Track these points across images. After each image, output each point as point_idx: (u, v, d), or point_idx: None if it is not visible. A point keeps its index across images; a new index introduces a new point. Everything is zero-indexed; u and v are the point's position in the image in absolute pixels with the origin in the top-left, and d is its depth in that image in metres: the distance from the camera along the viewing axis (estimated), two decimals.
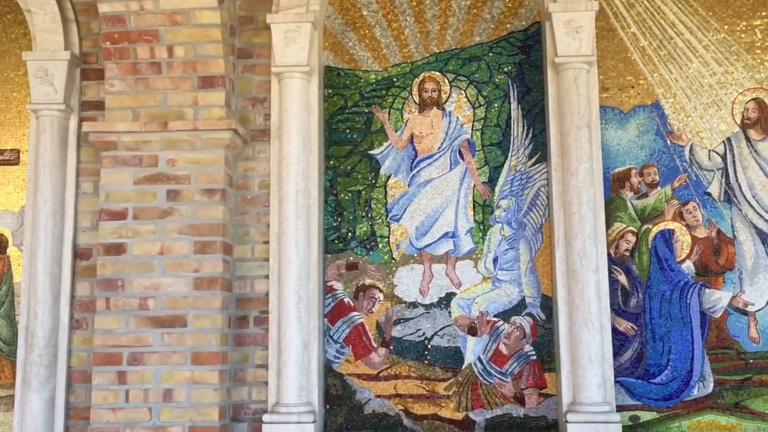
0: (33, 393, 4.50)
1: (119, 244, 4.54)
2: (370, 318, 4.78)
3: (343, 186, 4.91)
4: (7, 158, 5.04)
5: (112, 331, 4.46)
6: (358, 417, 4.68)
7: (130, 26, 4.63)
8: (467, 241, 4.79)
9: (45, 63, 4.77)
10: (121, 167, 4.60)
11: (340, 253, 4.85)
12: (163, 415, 4.36)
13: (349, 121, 4.97)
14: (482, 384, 4.65)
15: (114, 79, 4.67)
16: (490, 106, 4.90)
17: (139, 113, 4.65)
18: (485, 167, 4.84)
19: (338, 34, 5.05)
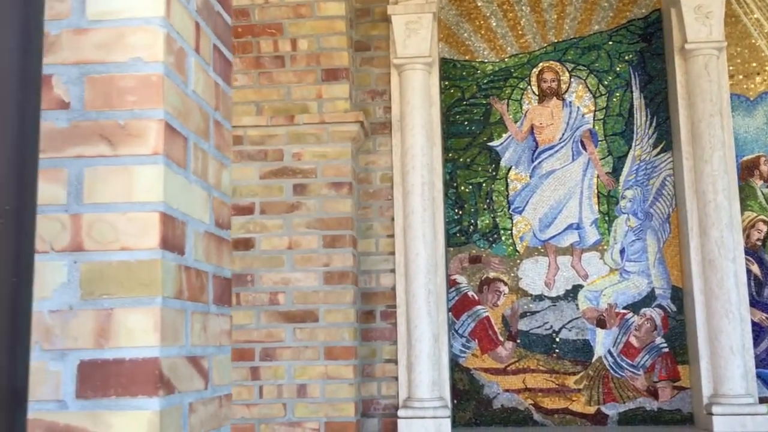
0: None
1: (247, 239, 4.50)
2: (495, 311, 4.72)
3: (463, 179, 4.85)
4: None
5: (244, 326, 4.42)
6: (487, 412, 4.62)
7: (254, 19, 4.60)
8: (592, 232, 4.72)
9: None
10: (247, 162, 4.56)
11: (462, 246, 4.80)
12: (298, 411, 4.32)
13: (467, 113, 4.91)
14: (613, 377, 4.58)
15: (237, 74, 4.63)
16: (612, 95, 4.83)
17: (263, 107, 4.62)
18: (608, 157, 4.78)
19: (453, 26, 5.00)
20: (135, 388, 1.37)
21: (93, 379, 1.38)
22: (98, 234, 1.41)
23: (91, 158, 1.43)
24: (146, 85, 1.46)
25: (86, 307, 1.40)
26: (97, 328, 1.39)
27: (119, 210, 1.42)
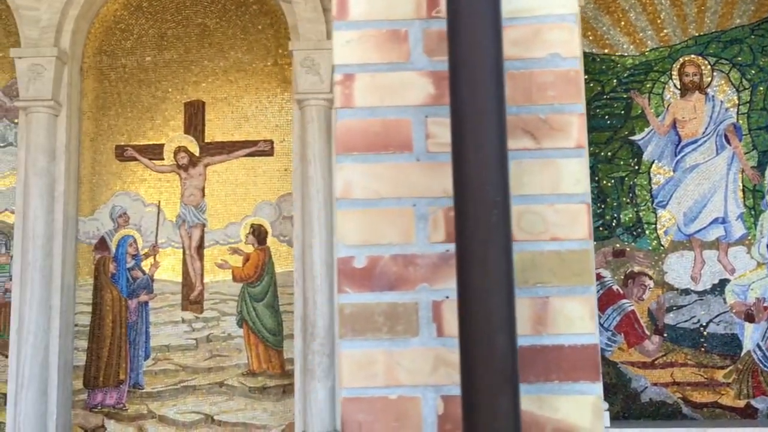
0: (317, 382, 4.53)
1: None
2: (640, 305, 4.73)
3: (604, 173, 4.86)
4: (262, 149, 5.08)
5: None
6: (635, 405, 4.64)
7: None
8: (738, 226, 4.71)
9: (311, 53, 4.80)
10: None
11: (605, 240, 4.81)
12: None
13: (607, 107, 4.92)
14: (763, 371, 4.58)
15: None
16: (755, 89, 4.81)
17: None
18: (753, 152, 4.76)
19: (591, 20, 5.00)
20: (577, 374, 1.42)
21: (534, 364, 1.43)
22: (528, 224, 1.46)
23: (516, 151, 1.48)
24: (565, 81, 1.50)
25: (522, 294, 1.45)
26: (533, 316, 1.44)
27: (546, 201, 1.46)
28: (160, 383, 4.85)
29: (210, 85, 5.15)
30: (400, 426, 1.56)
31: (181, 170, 5.05)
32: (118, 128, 5.10)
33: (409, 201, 1.60)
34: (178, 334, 4.91)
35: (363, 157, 1.63)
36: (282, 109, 5.12)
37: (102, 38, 5.18)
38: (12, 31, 5.17)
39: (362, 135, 1.66)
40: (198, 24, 5.21)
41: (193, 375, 4.86)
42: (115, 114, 5.11)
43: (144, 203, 5.03)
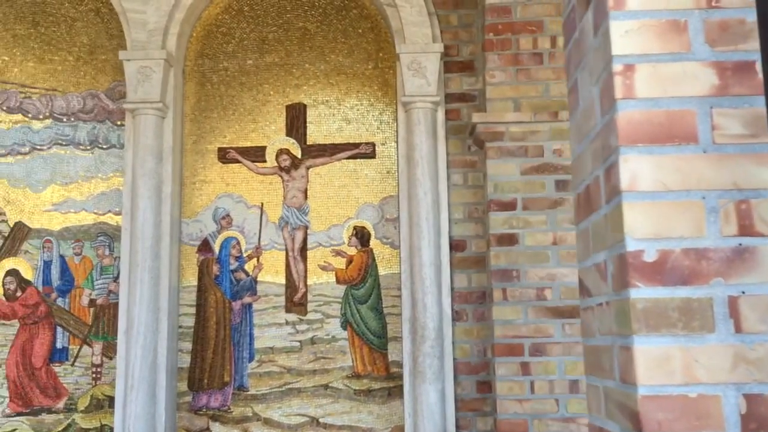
0: (428, 384, 4.50)
1: (511, 234, 4.52)
2: None
3: None
4: (364, 152, 5.07)
5: (511, 321, 4.44)
6: None
7: (516, 17, 4.63)
8: None
9: (418, 56, 4.79)
10: (507, 158, 4.59)
11: None
12: (571, 407, 4.32)
13: None
14: None
15: (495, 70, 4.66)
16: None
17: (521, 104, 4.63)
18: None
19: None
20: None
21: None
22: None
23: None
24: None
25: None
26: None
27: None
28: (264, 385, 4.85)
29: (311, 88, 5.15)
30: (701, 425, 1.53)
31: (283, 172, 5.06)
32: (220, 130, 5.11)
33: (698, 193, 1.58)
34: (282, 336, 4.90)
35: (648, 148, 1.61)
36: (382, 112, 5.11)
37: (203, 41, 5.21)
38: (113, 34, 5.21)
39: (646, 126, 1.63)
40: (299, 28, 5.22)
41: (297, 377, 4.85)
42: (217, 116, 5.12)
43: (247, 205, 5.04)
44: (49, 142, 5.12)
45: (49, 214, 5.05)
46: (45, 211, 5.05)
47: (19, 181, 5.09)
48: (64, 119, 5.14)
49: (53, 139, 5.12)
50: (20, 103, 5.18)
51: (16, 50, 5.23)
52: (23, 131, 5.14)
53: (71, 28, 5.25)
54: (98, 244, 5.01)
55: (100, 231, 5.03)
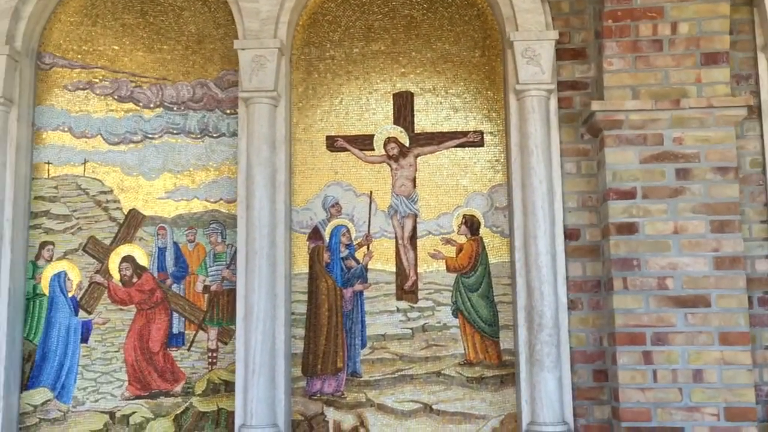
0: (546, 372, 4.51)
1: (630, 223, 4.50)
2: None
3: None
4: (472, 140, 5.07)
5: (632, 311, 4.43)
6: None
7: (636, 4, 4.59)
8: None
9: (532, 43, 4.77)
10: (625, 146, 4.56)
11: None
12: (695, 396, 4.31)
13: None
14: None
15: (613, 58, 4.63)
16: None
17: (639, 91, 4.60)
18: None
19: None
20: None
21: None
22: None
23: None
24: None
25: None
26: None
27: None
28: (377, 372, 4.89)
29: (418, 76, 5.16)
30: None
31: (392, 161, 5.08)
32: (328, 119, 5.14)
33: None
34: (394, 323, 4.94)
35: None
36: (490, 100, 5.11)
37: (310, 30, 5.23)
38: (220, 23, 5.25)
39: None
40: (404, 15, 5.22)
41: (409, 364, 4.89)
42: (324, 105, 5.15)
43: (356, 193, 5.07)
44: (160, 130, 5.19)
45: (162, 202, 5.12)
46: (158, 199, 5.13)
47: (132, 169, 5.16)
48: (174, 108, 5.20)
49: (164, 128, 5.19)
50: (131, 92, 5.25)
51: (126, 39, 5.29)
52: (135, 120, 5.21)
53: (179, 18, 5.29)
54: (211, 231, 5.08)
55: (212, 218, 5.10)
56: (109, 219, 5.14)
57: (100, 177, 5.17)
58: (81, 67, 5.28)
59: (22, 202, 5.03)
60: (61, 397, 4.97)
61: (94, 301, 5.06)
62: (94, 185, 5.17)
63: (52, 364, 4.99)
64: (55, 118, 5.23)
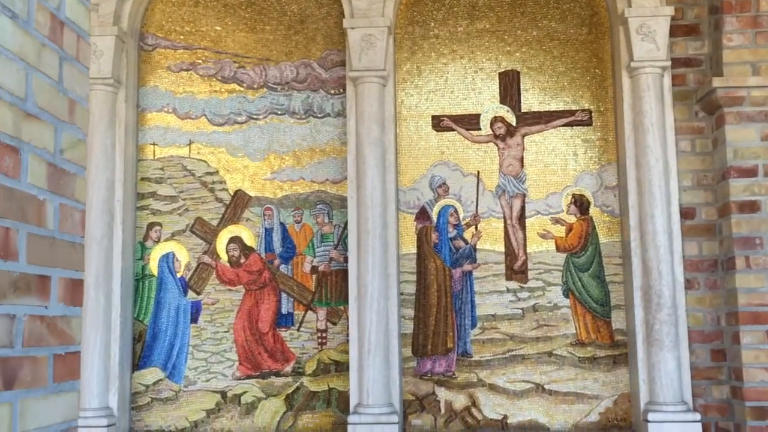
0: (666, 352, 4.48)
1: (752, 201, 4.46)
2: None
3: None
4: (580, 119, 5.03)
5: (755, 290, 4.39)
6: None
7: None
8: None
9: (647, 20, 4.70)
10: (746, 123, 4.51)
11: None
12: None
13: None
14: None
15: (733, 33, 4.56)
16: None
17: (759, 68, 4.54)
18: None
19: None
20: None
21: None
22: None
23: None
24: None
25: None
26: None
27: None
28: (488, 352, 4.89)
29: (524, 55, 5.11)
30: None
31: (499, 140, 5.05)
32: (433, 98, 5.11)
33: None
34: (504, 303, 4.93)
35: None
36: (597, 78, 5.05)
37: (413, 8, 5.19)
38: (323, 2, 5.22)
39: None
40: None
41: (520, 344, 4.88)
42: (429, 84, 5.12)
43: (463, 173, 5.04)
44: (264, 111, 5.19)
45: (267, 183, 5.13)
46: (264, 180, 5.13)
47: (238, 150, 5.17)
48: (278, 89, 5.19)
49: (269, 108, 5.18)
50: (234, 72, 5.24)
51: (228, 20, 5.28)
52: (239, 101, 5.20)
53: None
54: (317, 212, 5.08)
55: (318, 199, 5.09)
56: (215, 200, 5.15)
57: (205, 158, 5.18)
58: (184, 48, 5.28)
59: (130, 183, 5.05)
60: (173, 376, 5.01)
61: (203, 282, 5.09)
62: (200, 166, 5.18)
63: (163, 344, 5.03)
64: (159, 99, 5.24)
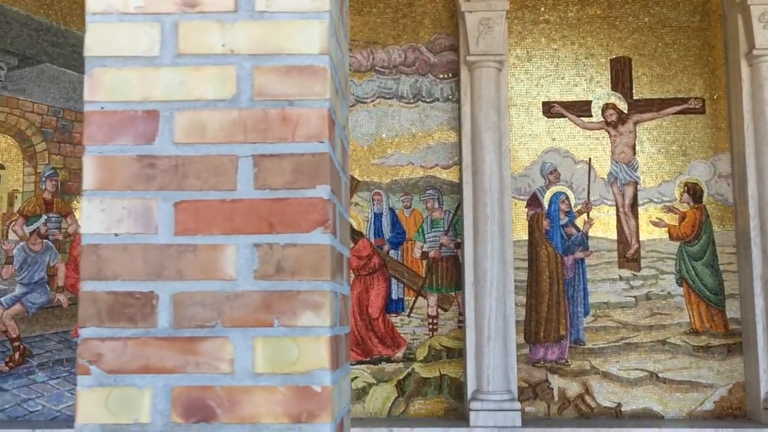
0: None
1: None
2: None
3: None
4: (693, 107, 5.00)
5: None
6: None
7: None
8: None
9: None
10: None
11: None
12: None
13: None
14: None
15: None
16: None
17: None
18: None
19: None
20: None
21: None
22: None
23: None
24: None
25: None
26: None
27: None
28: (601, 340, 4.87)
29: (635, 41, 5.08)
30: None
31: (610, 127, 5.02)
32: (544, 84, 5.07)
33: None
34: (617, 291, 4.91)
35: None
36: (710, 66, 5.02)
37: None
38: None
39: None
40: None
41: (634, 332, 4.86)
42: (539, 70, 5.08)
43: (574, 160, 5.01)
44: (372, 95, 5.13)
45: (376, 167, 5.08)
46: (372, 165, 5.09)
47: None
48: (386, 72, 5.14)
49: (376, 92, 5.13)
50: None
51: None
52: None
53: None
54: (427, 197, 5.04)
55: (428, 184, 5.06)
56: None
57: None
58: None
59: None
60: None
61: None
62: None
63: None
64: None
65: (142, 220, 1.55)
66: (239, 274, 1.54)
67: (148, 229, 1.54)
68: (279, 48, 1.61)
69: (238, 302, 1.54)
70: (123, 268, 1.54)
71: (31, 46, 5.04)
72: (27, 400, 4.80)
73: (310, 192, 1.55)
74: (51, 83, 5.06)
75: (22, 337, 4.87)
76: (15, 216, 4.95)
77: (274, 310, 1.54)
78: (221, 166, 1.57)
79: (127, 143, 1.57)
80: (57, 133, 5.06)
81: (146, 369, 1.51)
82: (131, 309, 1.53)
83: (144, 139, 1.57)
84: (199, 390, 1.52)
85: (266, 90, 1.58)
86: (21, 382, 4.83)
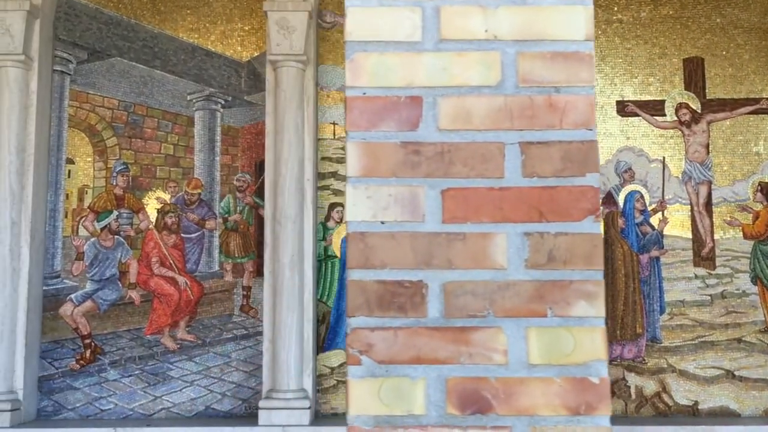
0: None
1: None
2: None
3: None
4: (765, 107, 5.03)
5: None
6: None
7: None
8: None
9: None
10: None
11: None
12: None
13: None
14: None
15: None
16: None
17: None
18: None
19: None
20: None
21: None
22: None
23: None
24: None
25: None
26: None
27: None
28: (677, 338, 4.88)
29: (708, 42, 5.10)
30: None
31: (684, 127, 5.03)
32: (617, 83, 5.08)
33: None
34: (692, 290, 4.92)
35: None
36: None
37: None
38: None
39: None
40: None
41: (710, 331, 4.87)
42: (614, 69, 5.09)
43: (648, 159, 5.02)
44: None
45: None
46: None
47: None
48: None
49: None
50: None
51: None
52: None
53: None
54: None
55: None
56: None
57: None
58: None
59: (316, 163, 4.96)
60: None
61: None
62: None
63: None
64: (339, 77, 5.14)
65: (408, 207, 1.52)
66: (510, 263, 1.51)
67: (415, 217, 1.51)
68: (543, 34, 1.59)
69: (510, 292, 1.51)
70: (391, 256, 1.51)
71: (101, 40, 4.98)
72: (99, 398, 4.73)
73: (579, 180, 1.52)
74: (121, 77, 5.00)
75: (93, 335, 4.80)
76: (85, 212, 4.89)
77: (547, 299, 1.51)
78: (488, 153, 1.54)
79: (391, 129, 1.54)
80: (128, 127, 5.00)
81: (418, 359, 1.48)
82: (401, 298, 1.50)
83: (408, 125, 1.54)
84: (473, 381, 1.49)
85: (531, 76, 1.55)
86: (92, 380, 4.76)
